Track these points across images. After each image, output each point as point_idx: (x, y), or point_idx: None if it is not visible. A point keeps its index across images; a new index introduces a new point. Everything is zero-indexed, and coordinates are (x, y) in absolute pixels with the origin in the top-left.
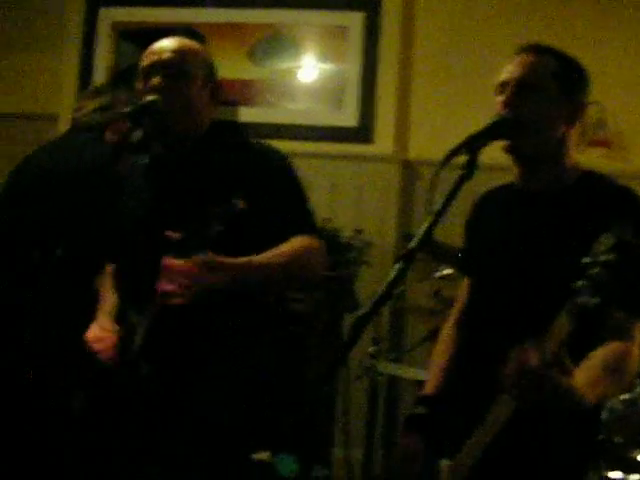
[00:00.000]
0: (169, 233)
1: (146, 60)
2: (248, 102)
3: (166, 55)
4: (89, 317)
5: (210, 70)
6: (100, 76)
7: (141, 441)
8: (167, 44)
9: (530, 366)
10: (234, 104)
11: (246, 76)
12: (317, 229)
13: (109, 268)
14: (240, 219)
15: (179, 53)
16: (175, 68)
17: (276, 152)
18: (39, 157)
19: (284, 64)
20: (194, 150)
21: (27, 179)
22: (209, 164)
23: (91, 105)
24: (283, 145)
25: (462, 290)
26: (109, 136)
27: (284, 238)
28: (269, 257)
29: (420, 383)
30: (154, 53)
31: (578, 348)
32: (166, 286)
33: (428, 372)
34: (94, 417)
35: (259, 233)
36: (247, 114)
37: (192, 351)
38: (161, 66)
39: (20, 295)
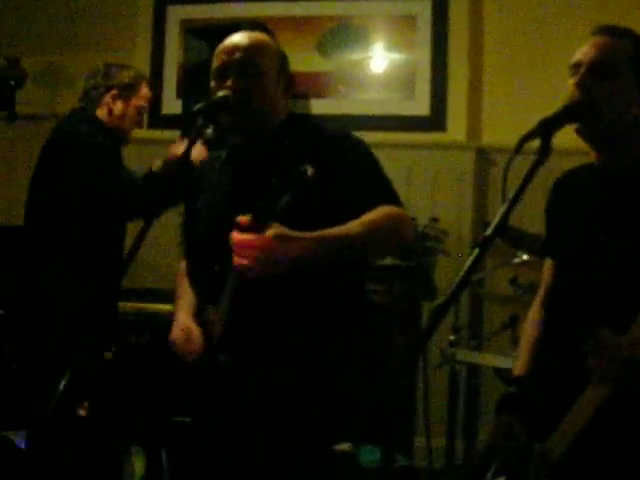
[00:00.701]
0: (240, 217)
1: (217, 61)
2: (319, 94)
3: (237, 55)
4: None
5: (282, 62)
6: (171, 73)
7: (227, 431)
8: (236, 42)
9: (619, 349)
10: (306, 97)
11: (316, 68)
12: (399, 200)
13: (183, 266)
14: (314, 189)
15: (249, 50)
16: (247, 67)
17: (352, 135)
18: None
19: (354, 55)
20: (271, 141)
21: None
22: (286, 152)
23: None
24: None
25: (545, 272)
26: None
27: (367, 209)
28: (349, 226)
29: (500, 371)
30: (224, 53)
31: None
32: (239, 261)
33: (513, 360)
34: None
35: (339, 207)
36: (319, 106)
37: (275, 337)
38: (232, 67)
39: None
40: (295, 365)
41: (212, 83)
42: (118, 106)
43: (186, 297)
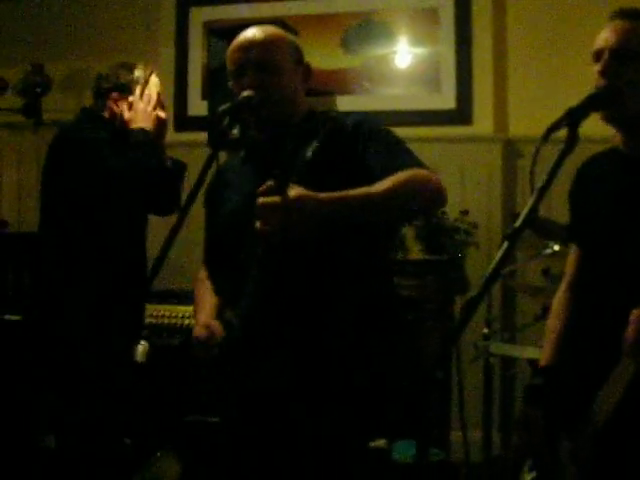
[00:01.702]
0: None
1: (232, 60)
2: (345, 91)
3: (252, 52)
4: None
5: (297, 53)
6: (195, 75)
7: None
8: (250, 38)
9: None
10: (331, 94)
11: (341, 65)
12: (424, 164)
13: (201, 274)
14: (335, 140)
15: (264, 47)
16: (264, 64)
17: (371, 117)
18: None
19: (378, 51)
20: (291, 137)
21: None
22: (306, 145)
23: None
24: None
25: (570, 259)
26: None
27: (390, 174)
28: (371, 186)
29: (534, 362)
30: (239, 50)
31: None
32: (263, 226)
33: (544, 342)
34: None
35: (363, 175)
36: (345, 103)
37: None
38: (249, 65)
39: None
40: (329, 358)
41: (230, 83)
42: (122, 107)
43: (205, 302)
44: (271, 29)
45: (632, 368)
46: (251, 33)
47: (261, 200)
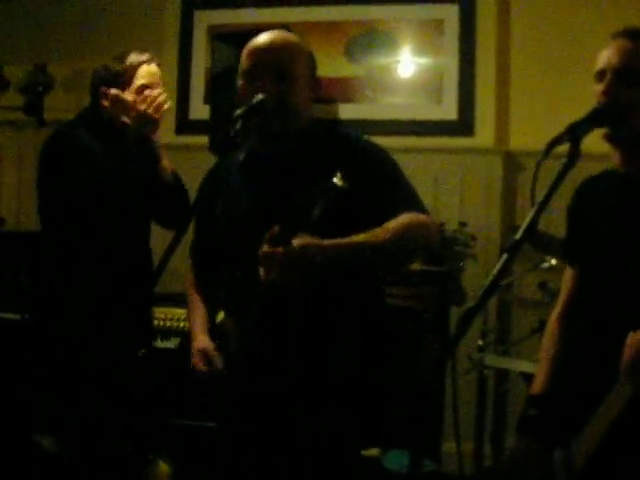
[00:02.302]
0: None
1: (248, 60)
2: (347, 99)
3: (271, 57)
4: None
5: (313, 65)
6: (198, 79)
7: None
8: (270, 42)
9: None
10: (334, 102)
11: (344, 73)
12: (423, 205)
13: (192, 276)
14: (343, 200)
15: (284, 53)
16: (283, 71)
17: (375, 144)
18: None
19: (381, 60)
20: (291, 147)
21: None
22: (307, 159)
23: None
24: (384, 140)
25: (565, 281)
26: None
27: (391, 216)
28: (373, 233)
29: (528, 376)
30: (257, 52)
31: None
32: (267, 275)
33: (537, 368)
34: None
35: (363, 214)
36: (347, 111)
37: (302, 349)
38: (267, 69)
39: None
40: (323, 373)
41: (240, 82)
42: (107, 101)
43: (199, 312)
44: (292, 37)
45: (629, 389)
46: (272, 36)
47: (265, 250)
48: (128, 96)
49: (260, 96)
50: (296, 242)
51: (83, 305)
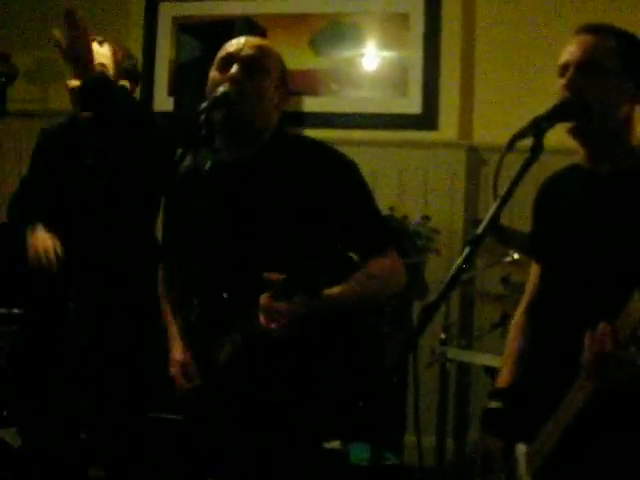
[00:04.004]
0: (271, 275)
1: (224, 51)
2: (312, 92)
3: (246, 50)
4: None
5: (284, 74)
6: (162, 71)
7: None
8: (248, 40)
9: (607, 348)
10: (298, 94)
11: (309, 66)
12: (394, 239)
13: (162, 277)
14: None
15: (258, 49)
16: (253, 62)
17: (344, 161)
18: None
19: (346, 53)
20: (258, 159)
21: None
22: (277, 174)
23: None
24: (348, 134)
25: (531, 277)
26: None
27: (364, 258)
28: (351, 288)
29: (490, 369)
30: (234, 46)
31: None
32: (268, 324)
33: (501, 362)
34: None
35: (329, 229)
36: (311, 104)
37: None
38: (241, 58)
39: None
40: (285, 367)
41: (212, 72)
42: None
43: (173, 314)
44: (268, 42)
45: (589, 385)
46: (247, 37)
47: (265, 303)
48: None
49: (222, 88)
50: (298, 300)
51: None
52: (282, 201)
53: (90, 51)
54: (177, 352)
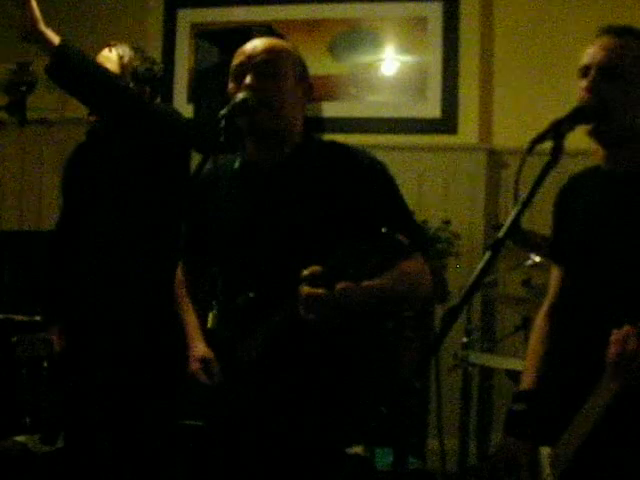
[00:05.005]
0: (310, 269)
1: (237, 60)
2: (331, 97)
3: (258, 56)
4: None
5: (301, 69)
6: (181, 78)
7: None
8: (258, 44)
9: (631, 348)
10: (317, 100)
11: (328, 71)
12: (424, 244)
13: (180, 277)
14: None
15: (271, 53)
16: (267, 68)
17: (376, 163)
18: None
19: (365, 58)
20: (294, 158)
21: None
22: (310, 175)
23: None
24: (367, 138)
25: (552, 280)
26: None
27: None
28: (386, 282)
29: (512, 373)
30: (245, 54)
31: None
32: (308, 315)
33: (524, 365)
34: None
35: (358, 229)
36: (331, 109)
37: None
38: (253, 66)
39: None
40: (310, 371)
41: (230, 85)
42: None
43: (191, 314)
44: (280, 41)
45: (614, 386)
46: (259, 40)
47: (307, 290)
48: None
49: (241, 95)
50: (339, 286)
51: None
52: (315, 202)
53: (36, 20)
54: (198, 349)
